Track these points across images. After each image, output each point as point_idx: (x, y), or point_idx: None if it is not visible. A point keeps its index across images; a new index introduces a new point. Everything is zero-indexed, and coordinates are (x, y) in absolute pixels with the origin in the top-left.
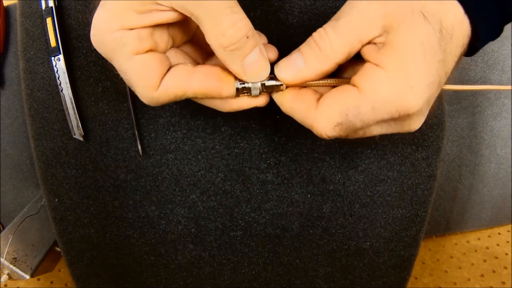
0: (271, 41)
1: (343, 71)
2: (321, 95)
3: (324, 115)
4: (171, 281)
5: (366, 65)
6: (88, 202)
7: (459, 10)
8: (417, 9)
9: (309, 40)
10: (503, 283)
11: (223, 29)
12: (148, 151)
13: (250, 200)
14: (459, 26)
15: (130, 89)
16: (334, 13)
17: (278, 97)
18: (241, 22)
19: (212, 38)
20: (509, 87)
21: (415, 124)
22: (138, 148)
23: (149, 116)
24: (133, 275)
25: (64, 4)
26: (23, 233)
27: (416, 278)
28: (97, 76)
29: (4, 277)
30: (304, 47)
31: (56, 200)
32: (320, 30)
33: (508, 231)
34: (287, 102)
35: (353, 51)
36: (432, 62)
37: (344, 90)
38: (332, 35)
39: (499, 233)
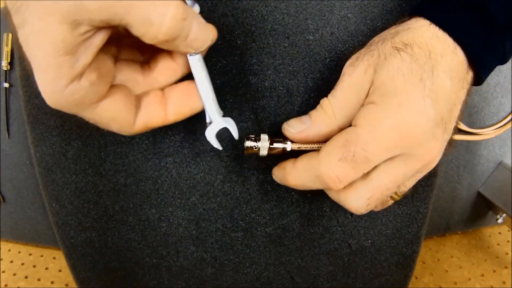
0: (267, 41)
1: None
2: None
3: (325, 154)
4: (173, 283)
5: (361, 108)
6: (89, 206)
7: (432, 29)
8: (391, 47)
9: (318, 106)
10: (504, 282)
11: (156, 28)
12: (147, 154)
13: (250, 201)
14: (437, 42)
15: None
16: (330, 12)
17: (281, 167)
18: (170, 8)
19: (150, 40)
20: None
21: (432, 151)
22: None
23: None
24: (136, 277)
25: None
26: None
27: (416, 278)
28: None
29: None
30: (313, 111)
31: (57, 205)
32: (325, 100)
33: (509, 230)
34: (290, 167)
35: (354, 112)
36: (413, 81)
37: (342, 132)
38: (333, 101)
39: (500, 233)
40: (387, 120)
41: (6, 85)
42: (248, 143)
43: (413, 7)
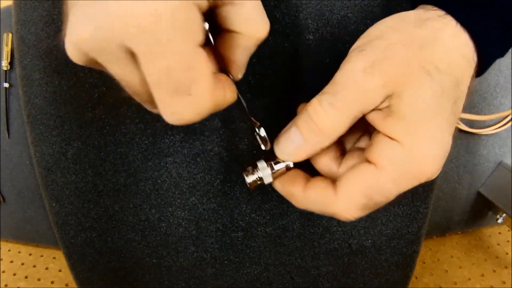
0: (267, 42)
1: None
2: (332, 179)
3: (347, 201)
4: (173, 283)
5: (379, 138)
6: (89, 206)
7: (465, 46)
8: (419, 67)
9: (304, 115)
10: (504, 282)
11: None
12: (147, 154)
13: (250, 201)
14: (462, 60)
15: None
16: (330, 12)
17: (289, 195)
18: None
19: (250, 38)
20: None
21: (435, 176)
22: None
23: (147, 120)
24: (136, 277)
25: (60, 8)
26: None
27: (416, 278)
28: (92, 82)
29: None
30: (301, 122)
31: (57, 205)
32: (315, 105)
33: (509, 230)
34: (300, 196)
35: (355, 121)
36: (443, 121)
37: (362, 170)
38: (330, 112)
39: (500, 233)
40: (412, 169)
41: (6, 85)
42: (250, 179)
43: None
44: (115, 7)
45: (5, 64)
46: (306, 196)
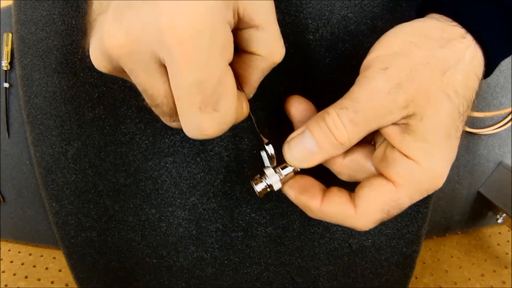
0: None
1: None
2: (349, 192)
3: (366, 217)
4: (173, 283)
5: (395, 156)
6: (89, 206)
7: (479, 67)
8: (441, 91)
9: (322, 125)
10: (504, 282)
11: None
12: (147, 154)
13: (250, 201)
14: (478, 82)
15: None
16: (330, 11)
17: (304, 206)
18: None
19: (270, 61)
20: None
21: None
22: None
23: (147, 120)
24: (136, 277)
25: (60, 8)
26: None
27: (416, 278)
28: (92, 82)
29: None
30: (316, 131)
31: (57, 205)
32: (335, 118)
33: (509, 230)
34: (316, 210)
35: (372, 131)
36: (455, 141)
37: (381, 189)
38: (350, 128)
39: (500, 233)
40: (426, 186)
41: (6, 85)
42: (259, 187)
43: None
44: (153, 17)
45: (5, 64)
46: (323, 210)
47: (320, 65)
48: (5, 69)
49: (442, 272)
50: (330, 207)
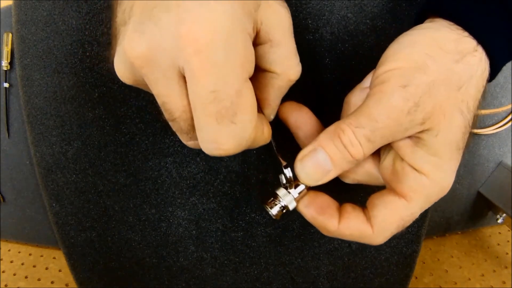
0: None
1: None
2: (362, 208)
3: (384, 234)
4: (173, 283)
5: (407, 171)
6: (89, 206)
7: (485, 79)
8: (455, 106)
9: (338, 143)
10: (504, 282)
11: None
12: (147, 154)
13: (250, 201)
14: (482, 90)
15: None
16: (330, 12)
17: (320, 226)
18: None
19: (285, 78)
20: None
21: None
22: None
23: (147, 120)
24: (136, 277)
25: (61, 8)
26: None
27: (416, 278)
28: (92, 82)
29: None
30: (331, 148)
31: (57, 205)
32: (351, 136)
33: (509, 230)
34: (333, 230)
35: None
36: (461, 152)
37: (394, 206)
38: (366, 145)
39: (500, 233)
40: (436, 198)
41: (6, 85)
42: (275, 210)
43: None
44: (173, 26)
45: (5, 64)
46: (341, 232)
47: (320, 65)
48: (5, 69)
49: (442, 272)
50: (348, 229)
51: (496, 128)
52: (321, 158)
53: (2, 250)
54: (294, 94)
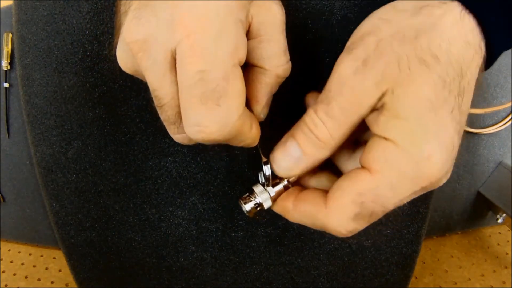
0: None
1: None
2: (326, 192)
3: (336, 210)
4: (173, 283)
5: (372, 140)
6: (89, 206)
7: (471, 32)
8: (415, 58)
9: (303, 127)
10: (504, 282)
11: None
12: (147, 154)
13: None
14: (467, 49)
15: None
16: (329, 11)
17: (283, 211)
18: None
19: (275, 72)
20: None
21: (442, 182)
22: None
23: (147, 120)
24: (136, 277)
25: (61, 8)
26: None
27: (416, 278)
28: (93, 82)
29: None
30: (298, 134)
31: (57, 205)
32: (313, 116)
33: (509, 230)
34: (291, 209)
35: (355, 127)
36: (446, 116)
37: (353, 176)
38: (328, 122)
39: (500, 233)
40: (411, 172)
41: (6, 85)
42: (248, 206)
43: None
44: (167, 13)
45: (5, 64)
46: (296, 209)
47: (320, 65)
48: (5, 69)
49: (442, 272)
50: (302, 205)
51: (496, 128)
52: (290, 146)
53: (2, 250)
54: (294, 94)
